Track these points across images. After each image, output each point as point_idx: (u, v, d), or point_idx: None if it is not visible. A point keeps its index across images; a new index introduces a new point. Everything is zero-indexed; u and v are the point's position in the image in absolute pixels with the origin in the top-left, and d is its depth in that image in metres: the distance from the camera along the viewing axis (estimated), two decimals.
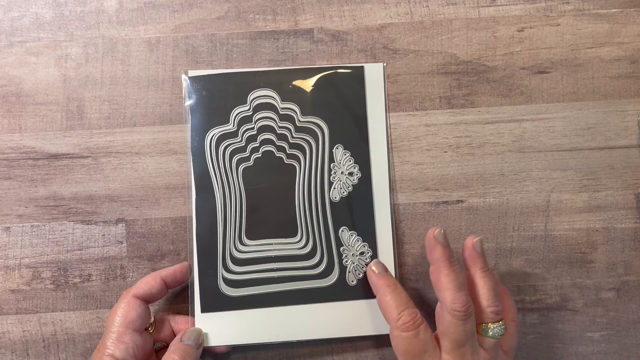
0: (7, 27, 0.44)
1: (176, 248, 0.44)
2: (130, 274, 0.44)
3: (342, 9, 0.45)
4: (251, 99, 0.43)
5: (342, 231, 0.42)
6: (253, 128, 0.43)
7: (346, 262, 0.42)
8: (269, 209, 0.42)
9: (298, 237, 0.42)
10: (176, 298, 0.44)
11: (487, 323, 0.38)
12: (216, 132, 0.42)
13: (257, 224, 0.42)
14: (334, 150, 0.43)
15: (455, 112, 0.44)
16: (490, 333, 0.38)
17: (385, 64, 0.43)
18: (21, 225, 0.44)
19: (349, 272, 0.42)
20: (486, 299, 0.38)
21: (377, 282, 0.40)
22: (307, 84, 0.43)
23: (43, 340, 0.43)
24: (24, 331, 0.43)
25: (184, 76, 0.43)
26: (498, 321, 0.38)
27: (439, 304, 0.38)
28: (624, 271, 0.44)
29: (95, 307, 0.44)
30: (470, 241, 0.39)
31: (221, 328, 0.41)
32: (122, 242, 0.44)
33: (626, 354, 0.44)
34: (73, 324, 0.44)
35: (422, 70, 0.45)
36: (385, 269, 0.41)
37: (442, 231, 0.38)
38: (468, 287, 0.39)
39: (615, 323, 0.44)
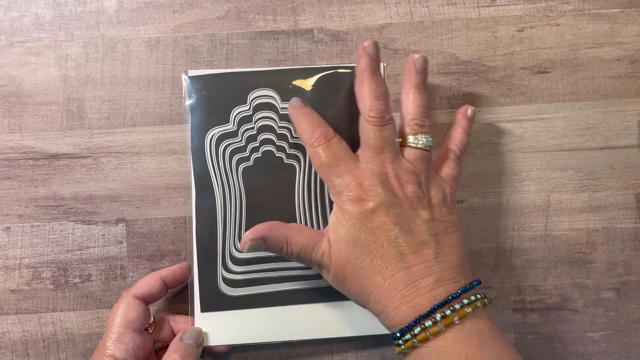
0: (7, 27, 0.44)
1: (176, 248, 0.44)
2: (130, 274, 0.44)
3: (342, 9, 0.45)
4: (251, 98, 0.43)
5: None
6: (253, 128, 0.43)
7: None
8: (269, 209, 0.42)
9: None
10: (176, 298, 0.44)
11: (409, 135, 0.38)
12: (216, 132, 0.42)
13: (257, 223, 0.42)
14: None
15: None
16: (410, 142, 0.37)
17: (385, 64, 0.43)
18: (21, 225, 0.44)
19: None
20: (411, 112, 0.38)
21: (293, 111, 0.40)
22: (307, 84, 0.43)
23: (43, 340, 0.43)
24: (24, 331, 0.43)
25: (184, 76, 0.43)
26: (422, 133, 0.37)
27: (360, 116, 0.38)
28: (624, 271, 0.44)
29: (95, 307, 0.44)
30: (414, 56, 0.39)
31: (221, 328, 0.41)
32: (122, 242, 0.44)
33: (626, 354, 0.44)
34: (73, 324, 0.44)
35: None
36: (304, 103, 0.40)
37: (375, 42, 0.38)
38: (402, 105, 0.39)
39: (615, 323, 0.44)
